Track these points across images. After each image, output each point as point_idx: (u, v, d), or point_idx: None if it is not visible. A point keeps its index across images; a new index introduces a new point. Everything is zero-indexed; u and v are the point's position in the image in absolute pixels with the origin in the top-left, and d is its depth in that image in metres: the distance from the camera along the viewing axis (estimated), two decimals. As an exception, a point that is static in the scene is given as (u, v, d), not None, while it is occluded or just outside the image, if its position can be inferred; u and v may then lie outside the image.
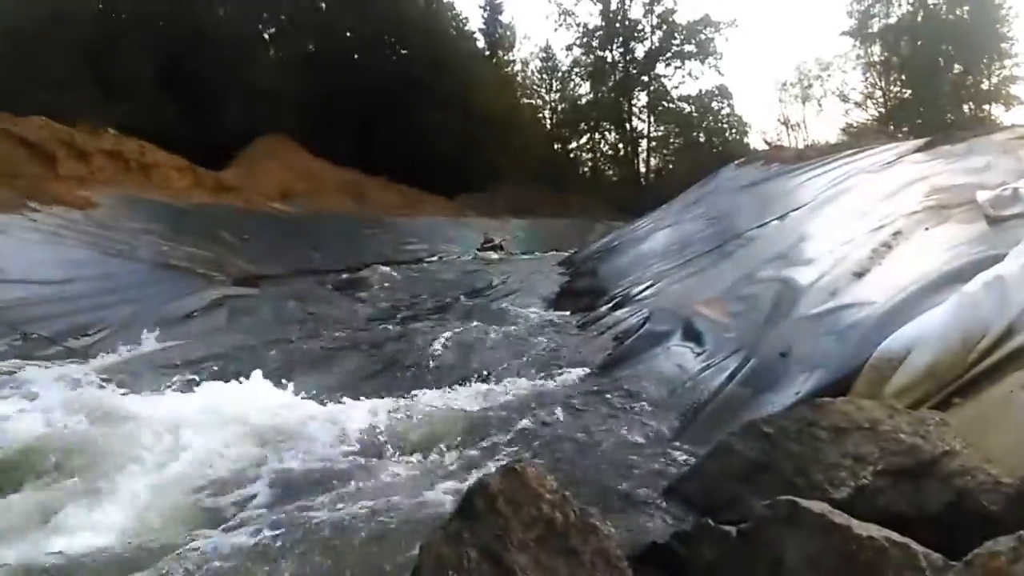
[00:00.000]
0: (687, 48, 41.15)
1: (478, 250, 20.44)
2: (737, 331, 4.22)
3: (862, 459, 2.01)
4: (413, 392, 4.53)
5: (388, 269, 13.49)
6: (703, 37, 40.60)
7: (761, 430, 2.32)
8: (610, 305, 6.92)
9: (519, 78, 43.88)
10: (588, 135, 44.68)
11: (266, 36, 31.05)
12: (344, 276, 13.34)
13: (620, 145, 44.18)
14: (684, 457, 2.99)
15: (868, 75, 36.84)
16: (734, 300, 4.80)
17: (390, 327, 7.48)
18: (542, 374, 4.80)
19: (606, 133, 44.72)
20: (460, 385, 4.65)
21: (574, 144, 45.31)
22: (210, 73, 25.07)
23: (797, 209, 6.85)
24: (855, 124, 35.36)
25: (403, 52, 32.55)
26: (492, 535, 1.64)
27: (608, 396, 4.03)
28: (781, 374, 3.32)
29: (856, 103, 37.11)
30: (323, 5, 31.97)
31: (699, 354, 4.24)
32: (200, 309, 8.95)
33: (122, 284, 9.53)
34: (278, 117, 25.94)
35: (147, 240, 12.23)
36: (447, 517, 1.76)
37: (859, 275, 3.95)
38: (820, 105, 40.69)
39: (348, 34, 31.24)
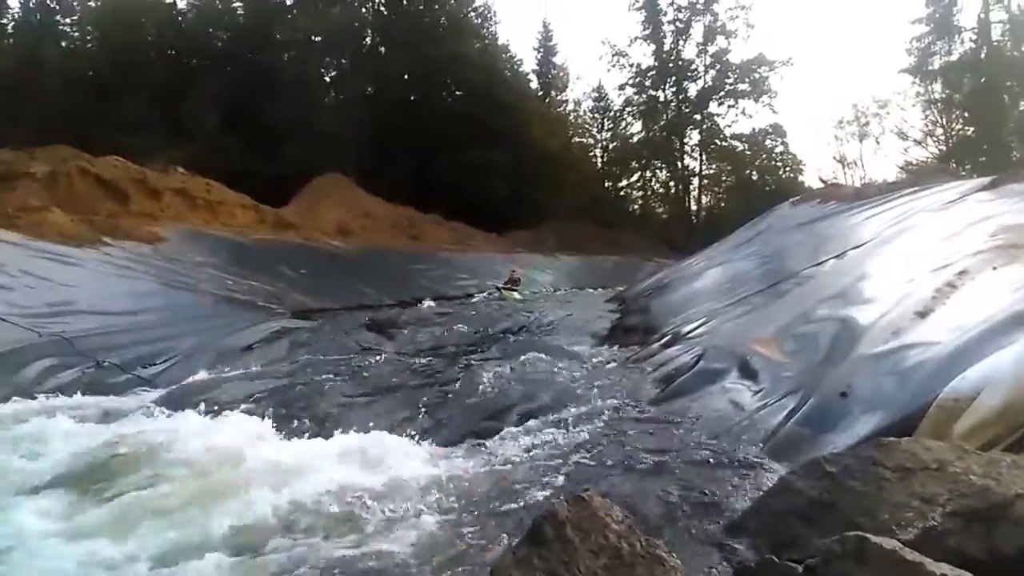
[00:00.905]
0: (741, 87, 40.88)
1: (499, 288, 18.08)
2: (794, 370, 4.14)
3: (930, 500, 1.96)
4: (467, 426, 4.57)
5: (434, 304, 13.61)
6: (757, 76, 40.29)
7: (824, 468, 2.28)
8: (662, 342, 6.77)
9: (571, 117, 44.58)
10: (639, 173, 44.76)
11: (327, 79, 32.25)
12: (397, 310, 13.54)
13: (671, 183, 44.07)
14: (743, 494, 2.96)
15: (928, 112, 36.03)
16: (790, 339, 4.72)
17: (442, 362, 7.47)
18: (595, 409, 4.74)
19: (657, 171, 44.70)
20: (514, 419, 4.65)
21: (624, 182, 45.48)
22: (273, 115, 26.10)
23: (856, 248, 6.71)
24: (915, 162, 34.43)
25: (458, 93, 33.42)
26: (560, 561, 1.67)
27: (663, 432, 4.01)
28: (841, 414, 3.26)
29: (916, 141, 36.25)
30: (382, 49, 33.05)
31: (755, 392, 4.17)
32: (260, 340, 9.10)
33: (187, 316, 9.84)
34: (336, 156, 26.74)
35: (211, 274, 12.67)
36: (515, 542, 1.79)
37: (922, 315, 3.84)
38: (878, 143, 40.02)
39: (405, 76, 32.22)
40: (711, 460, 3.44)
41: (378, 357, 7.98)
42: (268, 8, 31.25)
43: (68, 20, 30.62)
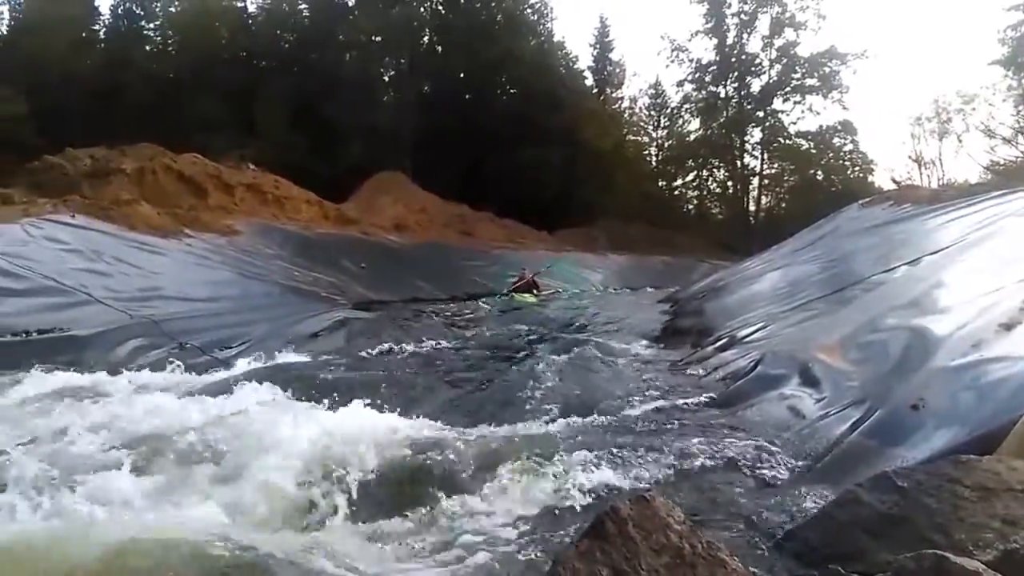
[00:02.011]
0: (809, 82, 38.02)
1: (509, 292, 15.97)
2: (860, 380, 4.02)
3: (1014, 522, 1.90)
4: (521, 421, 4.58)
5: (492, 300, 13.70)
6: (827, 70, 37.41)
7: (894, 483, 2.23)
8: (717, 345, 6.69)
9: (626, 115, 43.14)
10: (695, 172, 42.81)
11: (386, 78, 32.57)
12: (451, 304, 13.68)
13: (729, 183, 41.75)
14: (802, 503, 2.90)
15: (1021, 108, 31.99)
16: (855, 347, 4.57)
17: (496, 356, 7.56)
18: (650, 410, 4.74)
19: (715, 170, 42.52)
20: (567, 418, 4.63)
21: (680, 181, 43.65)
22: (335, 113, 26.58)
23: (932, 254, 6.45)
24: (1003, 162, 30.99)
25: (512, 91, 33.35)
26: (623, 557, 1.68)
27: (719, 437, 3.94)
28: (912, 427, 3.15)
29: (1004, 139, 32.49)
30: (439, 48, 33.23)
31: (817, 401, 4.07)
32: (324, 329, 9.36)
33: (258, 304, 10.16)
34: (394, 154, 27.10)
35: (280, 265, 13.03)
36: (578, 536, 1.82)
37: (1008, 327, 3.68)
38: (960, 141, 36.89)
39: (461, 75, 32.32)
40: (769, 467, 3.40)
41: (428, 349, 8.14)
42: (331, 10, 31.71)
43: (152, 25, 31.69)
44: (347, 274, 14.65)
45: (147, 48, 30.61)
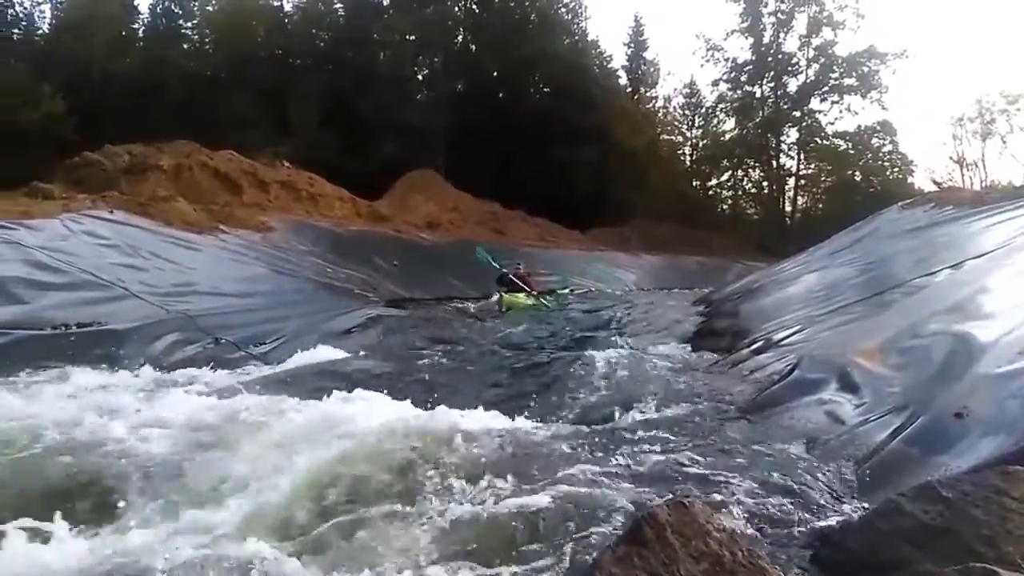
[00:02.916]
0: (847, 82, 37.44)
1: (498, 291, 13.16)
2: (900, 386, 3.90)
3: None
4: (555, 423, 4.55)
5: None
6: (866, 70, 36.80)
7: (938, 492, 2.17)
8: (752, 348, 6.50)
9: (660, 114, 42.91)
10: (730, 172, 42.45)
11: (420, 77, 32.77)
12: (483, 302, 13.69)
13: (764, 183, 41.29)
14: (842, 511, 2.84)
15: None
16: (895, 352, 4.43)
17: (527, 355, 7.54)
18: (683, 413, 4.63)
19: (750, 170, 42.14)
20: (601, 419, 4.60)
21: (714, 181, 43.29)
22: (370, 112, 26.81)
23: (976, 258, 6.25)
24: None
25: (545, 90, 33.31)
26: (660, 562, 1.67)
27: (756, 441, 3.86)
28: (956, 436, 3.05)
29: None
30: (473, 47, 33.32)
31: (856, 406, 3.95)
32: (357, 326, 9.47)
33: (291, 300, 10.28)
34: (427, 152, 27.23)
35: (313, 262, 13.18)
36: (615, 540, 1.80)
37: (1058, 334, 3.55)
38: (1004, 142, 35.91)
39: (495, 73, 32.39)
40: (807, 473, 3.31)
41: (460, 347, 8.17)
42: (366, 8, 31.97)
43: (189, 24, 32.25)
44: (379, 271, 14.76)
45: (184, 47, 31.16)
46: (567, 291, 15.26)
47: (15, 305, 7.04)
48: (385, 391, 5.06)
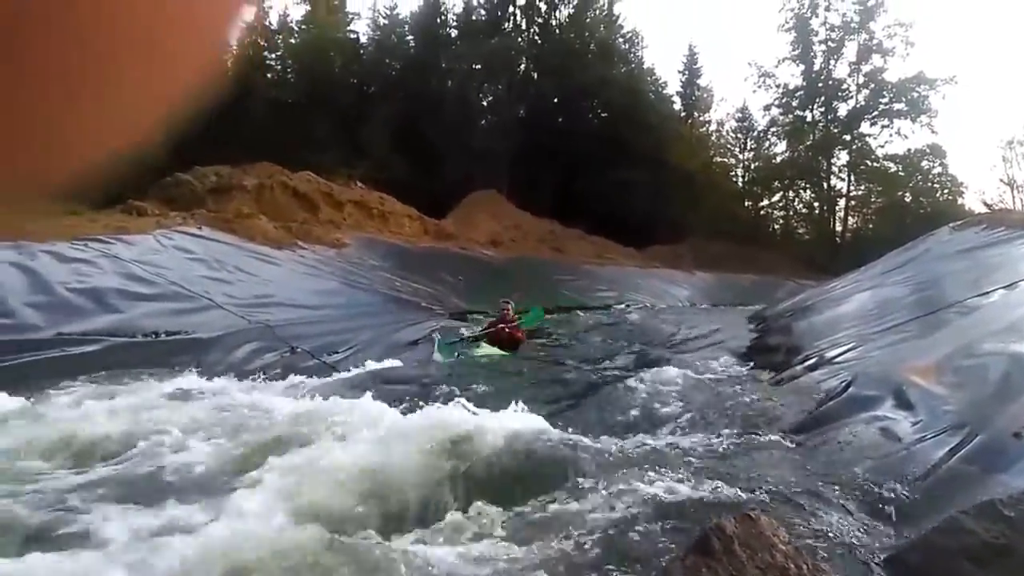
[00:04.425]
0: (896, 107, 36.62)
1: (471, 339, 9.17)
2: (957, 404, 3.75)
3: None
4: (609, 433, 4.46)
5: (582, 314, 13.52)
6: (915, 95, 35.92)
7: (1001, 511, 2.11)
8: (805, 364, 6.36)
9: (713, 137, 42.62)
10: (781, 193, 41.69)
11: (484, 103, 33.17)
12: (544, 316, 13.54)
13: (816, 204, 40.58)
14: (901, 528, 2.73)
15: None
16: (951, 371, 4.27)
17: (583, 368, 7.46)
18: (739, 428, 4.53)
19: (801, 191, 41.33)
20: (659, 433, 4.51)
21: (766, 201, 42.55)
22: (437, 136, 27.26)
23: (1031, 279, 5.94)
24: None
25: (603, 115, 33.36)
26: (728, 573, 1.62)
27: (811, 457, 3.77)
28: (1016, 455, 2.92)
29: None
30: (535, 75, 33.64)
31: (913, 424, 3.82)
32: (423, 338, 9.44)
33: (362, 312, 10.37)
34: (490, 173, 27.51)
35: (382, 276, 13.32)
36: (683, 550, 1.74)
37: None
38: None
39: (555, 100, 32.60)
40: (865, 490, 3.19)
41: (521, 360, 8.10)
42: (436, 39, 32.72)
43: (274, 55, 33.47)
44: (445, 286, 14.83)
45: (268, 76, 32.31)
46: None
47: (112, 314, 7.24)
48: (447, 399, 5.00)
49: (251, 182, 15.81)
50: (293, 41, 33.01)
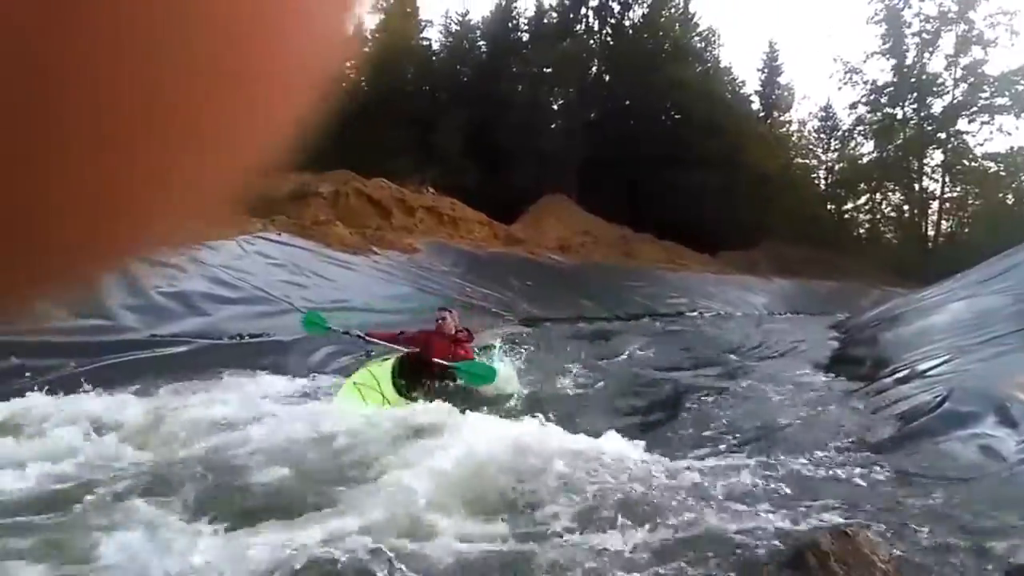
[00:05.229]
0: (999, 101, 33.92)
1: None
2: None
3: None
4: (689, 447, 4.40)
5: (653, 321, 13.35)
6: (1020, 88, 33.22)
7: None
8: (895, 377, 6.14)
9: (794, 138, 41.15)
10: (868, 195, 39.60)
11: (555, 107, 33.13)
12: (614, 323, 13.47)
13: (905, 207, 38.31)
14: (1007, 551, 2.58)
15: None
16: None
17: (658, 378, 7.36)
18: (826, 441, 4.40)
19: (889, 193, 39.12)
20: (744, 448, 4.38)
21: (850, 204, 40.59)
22: (506, 140, 27.45)
23: None
24: None
25: (677, 116, 32.77)
26: None
27: (905, 473, 3.62)
28: None
29: None
30: (607, 77, 33.40)
31: (1019, 442, 3.66)
32: (492, 344, 9.46)
33: (434, 316, 10.46)
34: (559, 178, 27.51)
35: (453, 281, 13.53)
36: (775, 567, 1.73)
37: None
38: None
39: (627, 102, 32.26)
40: (965, 509, 3.04)
41: (594, 367, 7.96)
42: (506, 44, 32.90)
43: (348, 63, 34.47)
44: (514, 291, 14.89)
45: (343, 84, 33.24)
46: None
47: (199, 317, 7.62)
48: (522, 408, 5.06)
49: (327, 189, 16.35)
50: (367, 49, 33.94)
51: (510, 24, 34.13)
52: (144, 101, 0.19)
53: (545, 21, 34.09)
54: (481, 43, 34.42)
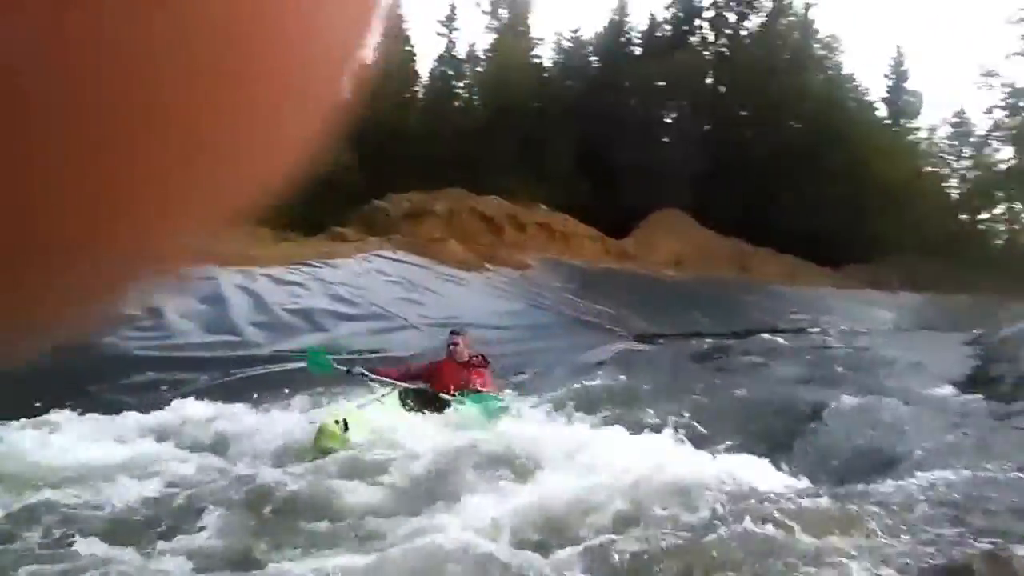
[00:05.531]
0: None
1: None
2: None
3: None
4: (820, 469, 4.27)
5: (773, 337, 12.58)
6: None
7: None
8: None
9: (923, 145, 38.22)
10: (1006, 204, 36.45)
11: (667, 120, 32.47)
12: (730, 340, 12.81)
13: None
14: None
15: None
16: None
17: (783, 396, 6.93)
18: (971, 463, 4.10)
19: None
20: (871, 465, 4.26)
21: (985, 215, 37.34)
22: (617, 155, 27.11)
23: None
24: None
25: (797, 126, 31.33)
26: None
27: None
28: None
29: None
30: (722, 89, 32.45)
31: None
32: (609, 359, 9.28)
33: (546, 333, 10.41)
34: (672, 192, 26.84)
35: (565, 297, 13.35)
36: None
37: None
38: None
39: (743, 113, 31.24)
40: None
41: (712, 385, 7.63)
42: (618, 59, 32.67)
43: (461, 84, 35.45)
44: (627, 307, 14.55)
45: (455, 104, 34.20)
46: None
47: (320, 332, 7.83)
48: (643, 426, 4.87)
49: (442, 207, 16.70)
50: (479, 70, 34.68)
51: (622, 39, 33.87)
52: (142, 104, 0.18)
53: (657, 34, 33.58)
54: (592, 59, 34.38)
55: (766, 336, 14.28)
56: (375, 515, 3.14)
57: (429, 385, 5.35)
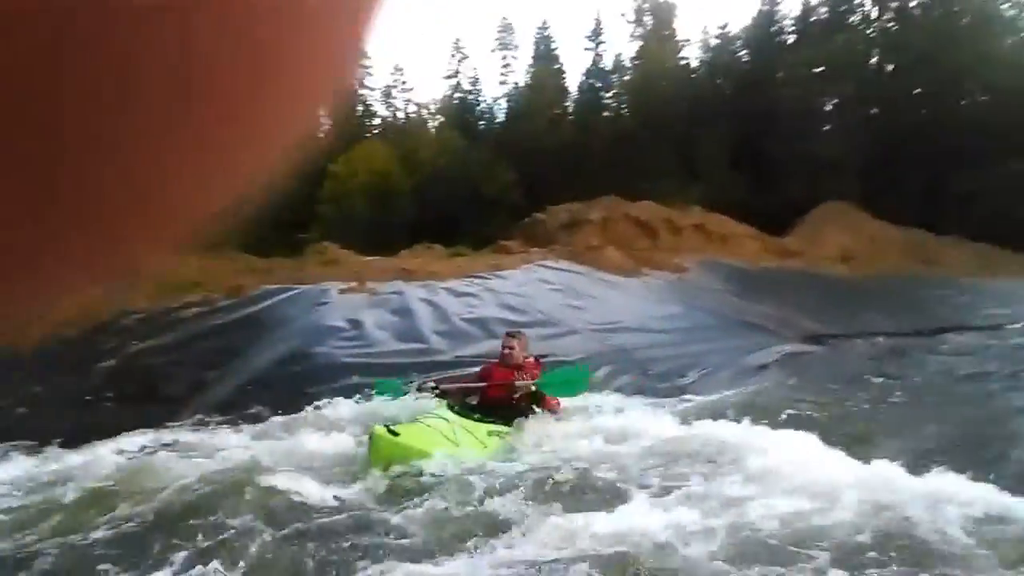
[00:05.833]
0: None
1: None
2: None
3: None
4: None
5: (962, 337, 11.47)
6: None
7: None
8: None
9: None
10: None
11: (828, 108, 30.43)
12: (914, 338, 11.89)
13: None
14: None
15: None
16: None
17: (972, 398, 6.57)
18: None
19: None
20: None
21: None
22: (774, 149, 25.90)
23: None
24: None
25: (981, 99, 27.98)
26: None
27: None
28: None
29: None
30: (889, 67, 29.82)
31: None
32: (773, 362, 9.02)
33: (707, 335, 10.29)
34: (837, 183, 25.09)
35: (725, 299, 13.07)
36: None
37: None
38: None
39: (915, 91, 28.46)
40: None
41: (892, 388, 7.23)
42: (770, 50, 31.28)
43: (609, 94, 35.71)
44: (792, 307, 13.90)
45: (604, 114, 34.40)
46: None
47: (493, 339, 8.42)
48: (816, 432, 4.70)
49: (597, 215, 17.04)
50: (627, 78, 34.69)
51: (773, 29, 32.30)
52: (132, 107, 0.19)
53: (812, 19, 31.61)
54: (742, 53, 33.14)
55: (954, 334, 13.11)
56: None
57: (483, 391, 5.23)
